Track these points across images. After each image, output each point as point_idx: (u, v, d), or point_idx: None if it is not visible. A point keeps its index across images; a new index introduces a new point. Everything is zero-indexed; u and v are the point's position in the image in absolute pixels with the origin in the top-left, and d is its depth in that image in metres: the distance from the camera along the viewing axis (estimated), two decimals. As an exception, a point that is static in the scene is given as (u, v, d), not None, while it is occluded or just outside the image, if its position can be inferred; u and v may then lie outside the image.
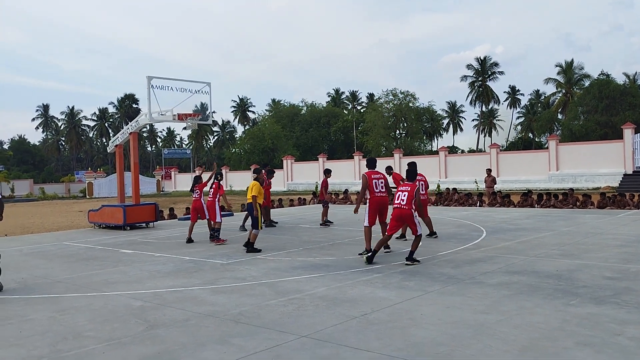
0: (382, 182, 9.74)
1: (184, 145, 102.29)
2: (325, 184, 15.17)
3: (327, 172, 15.42)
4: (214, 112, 17.98)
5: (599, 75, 58.97)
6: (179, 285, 7.61)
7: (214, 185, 12.36)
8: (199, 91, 15.30)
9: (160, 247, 11.66)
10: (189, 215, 19.41)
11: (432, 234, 11.56)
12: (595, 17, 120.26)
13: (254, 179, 10.95)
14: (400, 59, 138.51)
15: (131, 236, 13.98)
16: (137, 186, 16.43)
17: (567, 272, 7.59)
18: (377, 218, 9.69)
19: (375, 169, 10.00)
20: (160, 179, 65.66)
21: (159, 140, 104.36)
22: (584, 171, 33.18)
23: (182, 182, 63.00)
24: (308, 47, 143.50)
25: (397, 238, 11.27)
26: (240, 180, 54.37)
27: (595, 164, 32.77)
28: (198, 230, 13.39)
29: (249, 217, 11.49)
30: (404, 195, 8.86)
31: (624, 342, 4.64)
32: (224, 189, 12.70)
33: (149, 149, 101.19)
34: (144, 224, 16.07)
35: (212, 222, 12.20)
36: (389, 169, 12.51)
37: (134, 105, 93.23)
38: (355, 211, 10.05)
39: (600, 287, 6.63)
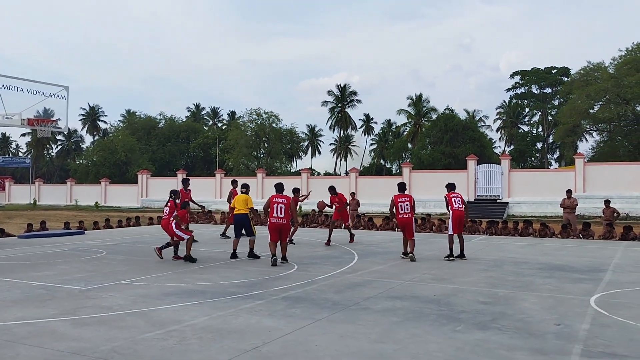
0: (407, 204, 11.77)
1: (20, 154, 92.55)
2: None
3: (296, 191, 14.07)
4: (59, 119, 16.13)
5: (444, 109, 64.49)
6: (31, 317, 6.53)
7: (169, 204, 11.45)
8: (54, 95, 13.72)
9: (0, 270, 10.09)
10: (31, 233, 17.31)
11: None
12: (440, 56, 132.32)
13: (244, 192, 11.72)
14: (262, 80, 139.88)
15: (-39, 256, 11.98)
16: (-30, 198, 14.22)
17: (443, 296, 7.83)
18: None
19: (404, 192, 12.04)
20: (-9, 190, 58.41)
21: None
22: (433, 197, 35.65)
23: (19, 194, 56.64)
24: (168, 58, 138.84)
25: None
26: (87, 195, 50.16)
27: (443, 191, 35.18)
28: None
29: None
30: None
31: (517, 369, 4.76)
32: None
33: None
34: (-24, 242, 13.94)
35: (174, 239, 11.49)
36: (332, 189, 15.35)
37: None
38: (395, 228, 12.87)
39: (478, 312, 6.88)
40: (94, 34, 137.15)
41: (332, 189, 15.92)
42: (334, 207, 15.62)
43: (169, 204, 11.44)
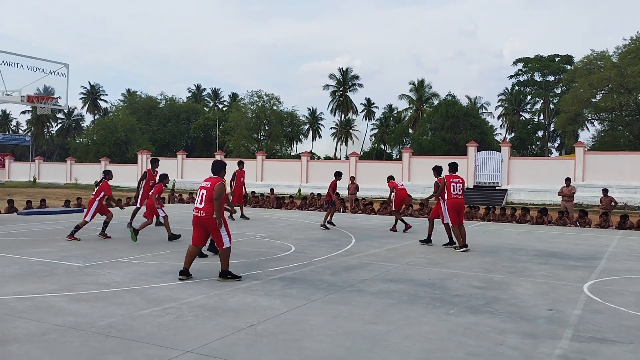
0: (459, 186, 10.85)
1: (20, 131, 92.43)
2: (334, 185, 14.58)
3: (338, 175, 14.80)
4: (59, 97, 16.17)
5: (446, 95, 64.27)
6: (29, 292, 6.60)
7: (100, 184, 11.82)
8: (54, 72, 13.68)
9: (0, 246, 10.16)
10: (31, 210, 17.41)
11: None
12: (442, 42, 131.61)
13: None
14: (263, 62, 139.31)
15: (-40, 231, 12.05)
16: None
17: (439, 280, 7.89)
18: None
19: (456, 173, 11.09)
20: (-10, 167, 58.44)
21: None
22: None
23: (19, 171, 56.73)
24: (169, 38, 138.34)
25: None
26: (86, 174, 50.21)
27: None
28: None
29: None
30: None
31: (507, 351, 4.82)
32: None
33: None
34: (-25, 218, 14.00)
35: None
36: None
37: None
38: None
39: (472, 296, 6.95)
40: (93, 13, 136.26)
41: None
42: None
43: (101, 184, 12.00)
